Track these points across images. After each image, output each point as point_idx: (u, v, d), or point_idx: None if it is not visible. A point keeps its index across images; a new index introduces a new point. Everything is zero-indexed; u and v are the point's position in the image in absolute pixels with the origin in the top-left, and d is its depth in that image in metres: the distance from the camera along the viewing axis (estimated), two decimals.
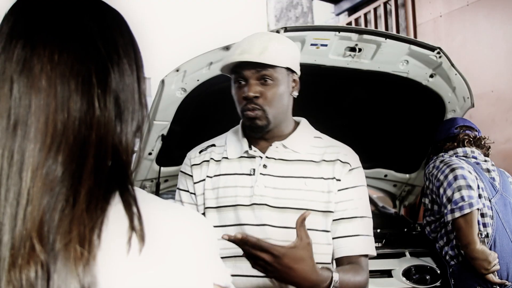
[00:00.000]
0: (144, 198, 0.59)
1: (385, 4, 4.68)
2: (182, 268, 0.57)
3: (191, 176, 1.35)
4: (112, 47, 0.60)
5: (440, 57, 2.08)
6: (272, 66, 1.24)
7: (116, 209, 0.56)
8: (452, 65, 2.13)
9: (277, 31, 1.82)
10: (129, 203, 0.57)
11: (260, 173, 1.28)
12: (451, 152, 2.10)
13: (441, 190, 1.93)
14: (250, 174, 1.29)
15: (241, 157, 1.32)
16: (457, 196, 1.85)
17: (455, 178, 1.88)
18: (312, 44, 1.95)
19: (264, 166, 1.29)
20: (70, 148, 0.54)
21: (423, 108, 2.39)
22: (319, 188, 1.27)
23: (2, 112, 0.54)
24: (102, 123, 0.57)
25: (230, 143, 1.35)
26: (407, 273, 1.97)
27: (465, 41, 3.76)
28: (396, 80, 2.21)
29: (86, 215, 0.52)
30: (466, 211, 1.82)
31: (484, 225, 1.90)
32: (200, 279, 0.58)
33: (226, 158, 1.33)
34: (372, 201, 3.23)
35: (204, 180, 1.33)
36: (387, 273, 2.00)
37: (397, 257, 2.04)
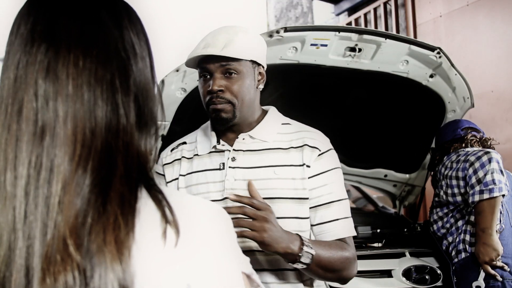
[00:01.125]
0: (166, 191, 0.60)
1: (385, 4, 4.68)
2: (215, 257, 0.58)
3: (163, 175, 1.35)
4: (131, 49, 0.60)
5: (440, 57, 2.08)
6: (236, 59, 1.23)
7: (144, 204, 0.56)
8: (452, 65, 2.13)
9: (277, 31, 1.82)
10: (158, 197, 0.57)
11: (229, 167, 1.27)
12: (462, 152, 2.09)
13: (471, 171, 1.92)
14: (220, 169, 1.28)
15: (211, 152, 1.31)
16: (489, 178, 1.86)
17: (490, 160, 1.89)
18: (312, 44, 1.95)
19: (233, 159, 1.28)
20: (99, 156, 0.54)
21: (423, 108, 2.39)
22: (289, 175, 1.26)
23: (28, 117, 0.53)
24: (127, 129, 0.57)
25: (200, 139, 1.35)
26: (407, 273, 1.97)
27: (465, 41, 3.76)
28: (396, 80, 2.21)
29: (120, 218, 0.52)
30: (496, 194, 1.83)
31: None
32: (231, 267, 0.59)
33: (197, 155, 1.33)
34: (372, 201, 3.24)
35: (177, 179, 1.33)
36: (387, 273, 2.00)
37: (397, 257, 2.04)
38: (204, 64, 1.25)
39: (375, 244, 2.37)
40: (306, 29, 1.90)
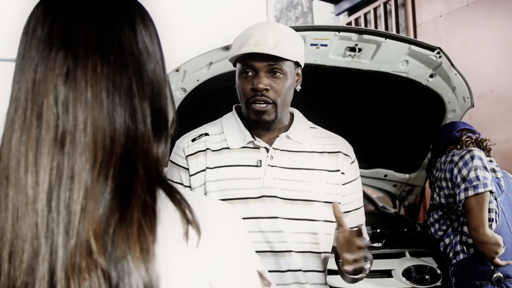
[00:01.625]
0: (183, 192, 0.60)
1: (385, 4, 4.68)
2: (233, 256, 0.59)
3: (187, 169, 1.28)
4: (146, 53, 0.60)
5: (440, 57, 2.08)
6: (284, 59, 1.23)
7: (163, 205, 0.56)
8: (452, 65, 2.13)
9: None
10: (177, 198, 0.57)
11: (268, 165, 1.26)
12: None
13: (455, 171, 1.93)
14: (257, 166, 1.26)
15: (244, 147, 1.28)
16: (472, 175, 1.87)
17: (472, 157, 1.90)
18: (312, 44, 1.95)
19: (271, 157, 1.27)
20: (120, 163, 0.54)
21: (423, 108, 2.39)
22: (325, 179, 1.29)
23: (49, 122, 0.53)
24: (145, 134, 0.57)
25: (229, 132, 1.31)
26: (407, 273, 1.97)
27: (465, 41, 3.76)
28: (396, 80, 2.20)
29: (143, 225, 0.52)
30: (480, 190, 1.83)
31: (489, 219, 1.90)
32: (248, 265, 0.61)
33: (227, 148, 1.28)
34: (372, 201, 3.24)
35: (203, 171, 1.26)
36: (387, 273, 2.00)
37: (397, 257, 2.04)
38: (251, 61, 1.23)
39: (375, 244, 2.37)
40: (306, 29, 1.90)
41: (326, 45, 1.96)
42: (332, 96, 2.38)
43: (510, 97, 3.44)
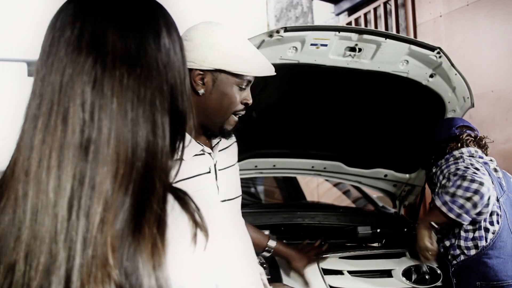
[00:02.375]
0: (192, 195, 0.61)
1: (385, 4, 4.68)
2: (238, 258, 0.59)
3: None
4: (169, 68, 0.60)
5: (440, 57, 2.08)
6: None
7: (170, 207, 0.56)
8: (452, 65, 2.13)
9: (277, 31, 1.81)
10: (185, 199, 0.57)
11: (218, 166, 1.31)
12: (457, 153, 2.07)
13: (454, 184, 1.84)
14: (209, 172, 1.28)
15: (194, 155, 1.27)
16: (461, 201, 1.80)
17: (476, 192, 1.79)
18: (312, 44, 1.94)
19: (216, 161, 1.32)
20: (140, 178, 0.54)
21: (423, 108, 2.39)
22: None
23: (75, 127, 0.53)
24: (164, 150, 0.57)
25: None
26: (407, 273, 1.97)
27: (465, 41, 3.76)
28: (396, 80, 2.20)
29: (158, 241, 0.53)
30: (451, 215, 1.80)
31: (491, 223, 1.89)
32: (251, 266, 0.61)
33: (182, 159, 1.30)
34: (372, 201, 3.24)
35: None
36: (387, 273, 2.00)
37: (397, 257, 2.04)
38: (253, 78, 1.29)
39: (375, 244, 2.37)
40: (306, 29, 1.90)
41: (326, 45, 1.96)
42: (332, 96, 2.38)
43: (510, 97, 3.44)
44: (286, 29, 1.83)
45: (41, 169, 0.53)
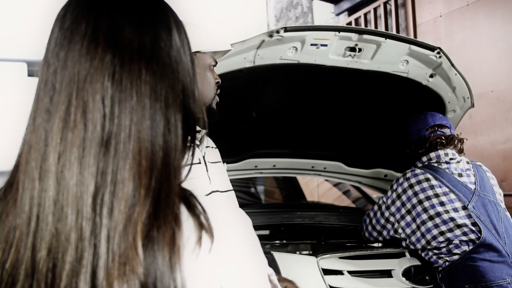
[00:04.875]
0: (198, 196, 0.60)
1: (385, 4, 4.68)
2: (245, 260, 0.58)
3: None
4: (180, 66, 0.60)
5: (440, 57, 2.08)
6: None
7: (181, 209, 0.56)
8: (452, 65, 2.13)
9: (277, 31, 1.82)
10: (192, 202, 0.57)
11: (208, 161, 1.34)
12: (424, 159, 2.05)
13: (407, 214, 1.96)
14: (199, 163, 1.31)
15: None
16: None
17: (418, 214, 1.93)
18: (312, 44, 1.95)
19: (205, 153, 1.34)
20: (160, 175, 0.54)
21: (423, 108, 2.38)
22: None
23: (95, 122, 0.53)
24: (178, 147, 0.57)
25: None
26: (407, 273, 1.97)
27: (465, 41, 3.76)
28: (396, 80, 2.20)
29: (176, 237, 0.53)
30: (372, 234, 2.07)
31: (465, 233, 1.83)
32: (259, 269, 0.60)
33: None
34: (372, 201, 3.23)
35: None
36: (387, 273, 2.00)
37: (397, 257, 2.03)
38: (219, 56, 1.37)
39: (375, 244, 2.37)
40: (306, 29, 1.90)
41: (326, 45, 1.96)
42: (332, 96, 2.38)
43: (510, 97, 3.44)
44: (286, 29, 1.83)
45: (61, 165, 0.52)
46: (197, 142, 1.33)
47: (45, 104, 0.55)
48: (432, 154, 2.04)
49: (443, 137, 2.04)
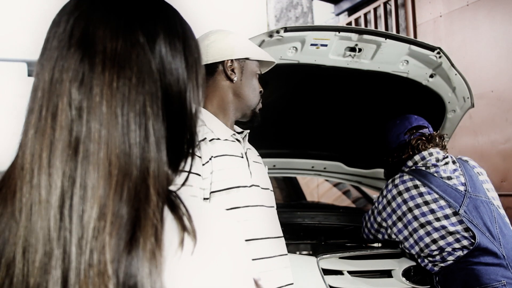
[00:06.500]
0: (183, 196, 0.59)
1: (385, 4, 4.68)
2: (231, 265, 0.57)
3: (200, 157, 1.26)
4: (167, 73, 0.58)
5: (440, 57, 2.08)
6: None
7: (164, 216, 0.55)
8: (452, 65, 2.13)
9: (277, 31, 1.82)
10: (175, 203, 0.56)
11: (248, 156, 1.40)
12: (410, 163, 2.02)
13: (399, 218, 1.95)
14: (242, 157, 1.37)
15: (226, 140, 1.36)
16: (396, 227, 1.95)
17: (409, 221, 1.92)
18: (312, 44, 1.95)
19: (247, 150, 1.42)
20: (134, 186, 0.53)
21: (423, 108, 2.39)
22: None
23: (62, 125, 0.52)
24: (158, 156, 0.55)
25: (212, 124, 1.36)
26: (407, 273, 1.97)
27: (465, 41, 3.76)
28: (396, 80, 2.20)
29: (155, 250, 0.52)
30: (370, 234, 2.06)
31: (458, 240, 1.81)
32: (245, 274, 0.59)
33: (218, 139, 1.33)
34: (372, 201, 3.24)
35: (210, 159, 1.27)
36: (387, 273, 2.00)
37: (397, 257, 2.04)
38: (264, 69, 1.51)
39: (375, 244, 2.37)
40: (306, 29, 1.90)
41: (326, 45, 1.96)
42: (332, 96, 2.38)
43: (510, 97, 3.44)
44: (286, 29, 1.83)
45: (33, 165, 0.52)
46: (239, 137, 1.40)
47: (30, 105, 0.55)
48: (417, 157, 2.01)
49: (423, 138, 2.02)
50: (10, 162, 0.58)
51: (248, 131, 1.44)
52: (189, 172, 0.62)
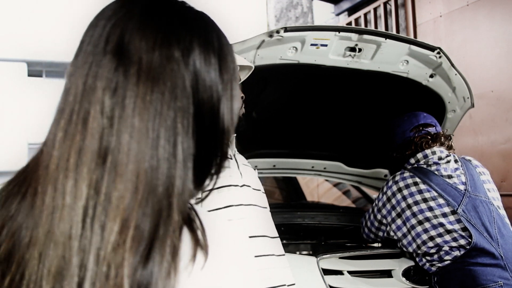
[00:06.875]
0: (198, 209, 0.58)
1: (385, 4, 4.68)
2: (242, 279, 0.56)
3: None
4: (199, 92, 0.56)
5: (440, 57, 2.08)
6: None
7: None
8: (452, 65, 2.13)
9: (277, 31, 1.82)
10: (191, 218, 0.55)
11: (237, 159, 1.40)
12: (412, 160, 2.03)
13: (399, 215, 1.95)
14: (231, 158, 1.37)
15: None
16: (394, 225, 1.95)
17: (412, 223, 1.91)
18: (312, 44, 1.95)
19: (235, 152, 1.42)
20: (158, 201, 0.51)
21: (423, 108, 2.38)
22: None
23: (93, 132, 0.51)
24: (184, 173, 0.54)
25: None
26: (407, 273, 1.97)
27: (465, 41, 3.76)
28: (396, 80, 2.20)
29: (172, 269, 0.51)
30: (372, 234, 2.08)
31: (455, 239, 1.81)
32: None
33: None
34: (372, 201, 3.24)
35: None
36: (387, 273, 2.00)
37: (397, 257, 2.04)
38: (242, 76, 1.47)
39: (375, 244, 2.37)
40: (306, 29, 1.90)
41: (326, 45, 1.96)
42: (332, 96, 2.38)
43: (510, 97, 3.44)
44: (286, 29, 1.83)
45: (59, 169, 0.52)
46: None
47: (60, 105, 0.54)
48: (419, 155, 2.02)
49: (428, 136, 2.02)
50: (33, 156, 0.57)
51: (235, 135, 1.40)
52: (212, 189, 0.60)
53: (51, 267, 0.50)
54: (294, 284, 1.36)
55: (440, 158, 1.98)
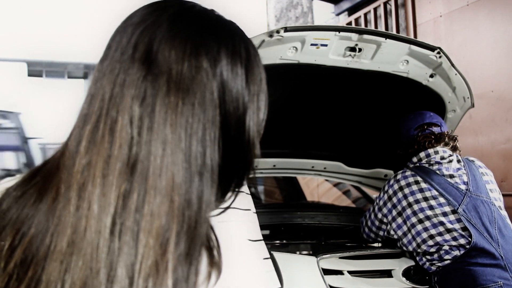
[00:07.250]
0: (214, 225, 0.57)
1: (385, 4, 4.68)
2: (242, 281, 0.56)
3: None
4: (226, 102, 0.55)
5: (440, 57, 2.08)
6: None
7: None
8: (452, 65, 2.13)
9: (277, 31, 1.82)
10: (209, 236, 0.54)
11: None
12: (415, 159, 2.04)
13: (399, 213, 1.94)
14: None
15: None
16: (394, 223, 1.94)
17: (411, 222, 1.91)
18: (312, 44, 1.95)
19: None
20: (194, 215, 0.50)
21: (423, 108, 2.38)
22: None
23: (122, 141, 0.50)
24: (212, 185, 0.53)
25: None
26: (407, 273, 1.97)
27: (465, 41, 3.76)
28: (396, 80, 2.20)
29: (198, 284, 0.50)
30: (372, 234, 2.09)
31: (455, 238, 1.81)
32: None
33: None
34: (372, 201, 3.24)
35: None
36: (387, 273, 2.00)
37: (397, 257, 2.04)
38: None
39: (375, 244, 2.37)
40: (306, 29, 1.90)
41: (326, 45, 1.96)
42: (332, 96, 2.38)
43: (510, 97, 3.44)
44: (286, 29, 1.83)
45: (84, 177, 0.50)
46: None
47: (84, 109, 0.53)
48: (422, 154, 2.02)
49: (432, 136, 2.03)
50: (50, 157, 0.55)
51: None
52: (228, 207, 0.59)
53: (76, 278, 0.47)
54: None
55: (442, 158, 1.98)
